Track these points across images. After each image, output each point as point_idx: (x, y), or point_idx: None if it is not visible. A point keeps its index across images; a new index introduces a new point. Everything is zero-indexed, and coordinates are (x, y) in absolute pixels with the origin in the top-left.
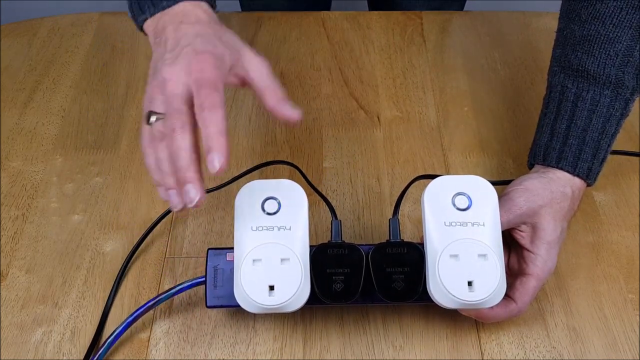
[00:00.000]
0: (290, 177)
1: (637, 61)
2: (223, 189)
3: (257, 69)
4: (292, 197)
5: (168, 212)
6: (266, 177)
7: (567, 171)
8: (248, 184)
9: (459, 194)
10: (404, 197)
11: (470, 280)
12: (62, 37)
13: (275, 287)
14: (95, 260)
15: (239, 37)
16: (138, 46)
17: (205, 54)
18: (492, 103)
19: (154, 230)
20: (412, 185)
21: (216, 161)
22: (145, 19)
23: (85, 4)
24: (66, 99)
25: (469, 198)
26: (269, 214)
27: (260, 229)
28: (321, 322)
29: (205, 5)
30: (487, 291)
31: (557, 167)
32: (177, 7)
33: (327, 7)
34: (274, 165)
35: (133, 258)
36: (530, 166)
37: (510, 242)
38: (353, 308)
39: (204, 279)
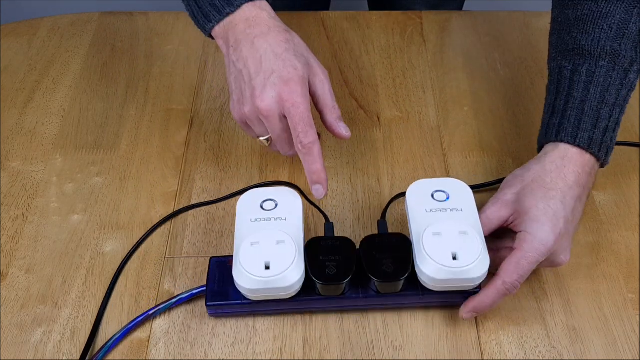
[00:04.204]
0: (290, 179)
1: (634, 33)
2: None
3: (321, 85)
4: (289, 198)
5: (170, 216)
6: (266, 178)
7: (568, 142)
8: (249, 191)
9: (437, 191)
10: (395, 203)
11: (454, 252)
12: (62, 37)
13: (270, 264)
14: (95, 260)
15: (299, 36)
16: (138, 46)
17: (292, 83)
18: (492, 103)
19: (154, 230)
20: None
21: (321, 191)
22: (213, 27)
23: (85, 4)
24: (66, 99)
25: (446, 194)
26: (267, 210)
27: (259, 220)
28: (321, 322)
29: (266, 5)
30: (471, 259)
31: (557, 140)
32: (243, 13)
33: (326, 6)
34: (273, 166)
35: (133, 258)
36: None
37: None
38: (353, 308)
39: (204, 288)
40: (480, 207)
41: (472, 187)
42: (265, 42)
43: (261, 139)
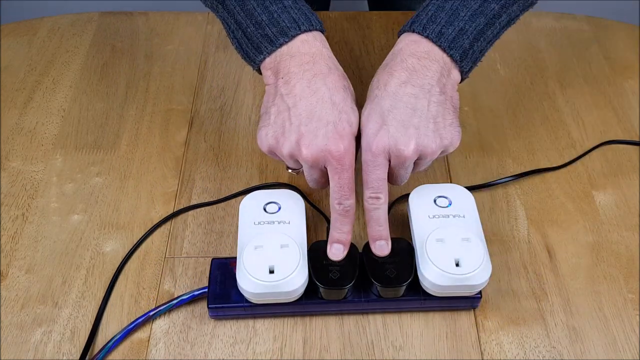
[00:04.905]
0: (290, 180)
1: None
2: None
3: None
4: (291, 201)
5: (170, 216)
6: (266, 178)
7: (418, 32)
8: (251, 193)
9: (439, 196)
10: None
11: (457, 259)
12: (62, 37)
13: (275, 269)
14: (95, 260)
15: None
16: (138, 46)
17: (345, 140)
18: (492, 103)
19: (154, 230)
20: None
21: (341, 252)
22: (264, 59)
23: (85, 4)
24: (66, 99)
25: (448, 200)
26: (270, 213)
27: (262, 223)
28: (321, 322)
29: (321, 37)
30: (474, 266)
31: (410, 31)
32: (299, 44)
33: (325, 6)
34: (273, 166)
35: (133, 258)
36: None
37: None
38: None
39: (205, 290)
40: (481, 209)
41: (472, 187)
42: (324, 84)
43: (290, 170)
